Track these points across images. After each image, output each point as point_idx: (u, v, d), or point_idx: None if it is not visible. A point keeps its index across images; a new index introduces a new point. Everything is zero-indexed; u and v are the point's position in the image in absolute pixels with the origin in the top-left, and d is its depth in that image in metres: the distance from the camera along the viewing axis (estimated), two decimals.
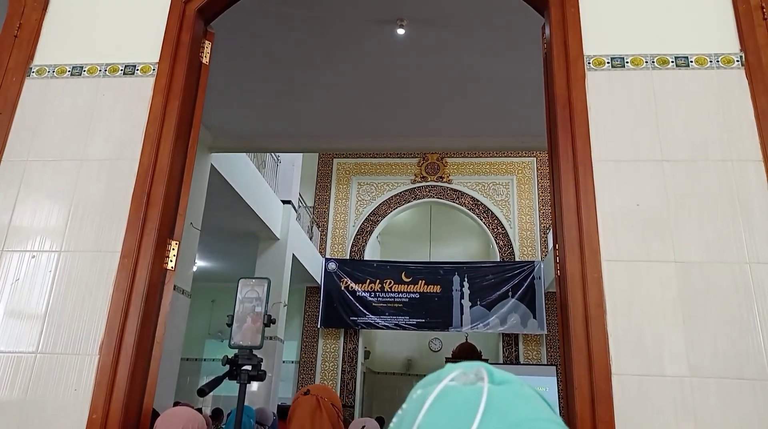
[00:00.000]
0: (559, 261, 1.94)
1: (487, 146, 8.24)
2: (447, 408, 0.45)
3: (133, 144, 2.11)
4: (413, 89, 5.52)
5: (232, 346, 1.93)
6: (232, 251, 10.53)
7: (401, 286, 12.29)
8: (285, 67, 5.20)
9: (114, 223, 2.01)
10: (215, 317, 12.77)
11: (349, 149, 10.71)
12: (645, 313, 1.73)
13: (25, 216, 2.06)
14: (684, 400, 1.64)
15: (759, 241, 1.76)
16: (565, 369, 1.82)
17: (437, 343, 14.19)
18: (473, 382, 0.48)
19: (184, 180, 2.23)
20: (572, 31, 2.09)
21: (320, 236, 13.09)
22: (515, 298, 11.88)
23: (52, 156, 2.14)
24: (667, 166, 1.88)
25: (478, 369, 0.49)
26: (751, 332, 1.68)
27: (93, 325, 1.88)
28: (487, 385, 0.46)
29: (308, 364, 12.42)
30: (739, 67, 1.98)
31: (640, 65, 2.03)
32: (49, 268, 1.97)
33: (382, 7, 4.39)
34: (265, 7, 4.29)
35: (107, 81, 2.24)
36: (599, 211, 1.85)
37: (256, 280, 2.01)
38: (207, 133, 6.54)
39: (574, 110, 1.98)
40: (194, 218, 6.52)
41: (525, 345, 12.05)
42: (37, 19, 2.36)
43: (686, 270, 1.76)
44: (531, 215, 12.75)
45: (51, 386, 1.82)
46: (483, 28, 4.51)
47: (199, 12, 2.34)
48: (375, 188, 13.40)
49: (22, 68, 2.28)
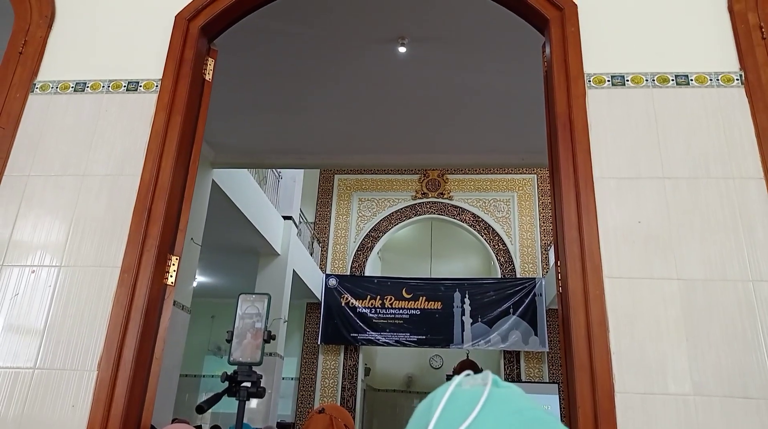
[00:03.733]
0: (560, 278, 1.93)
1: (487, 163, 8.24)
2: (454, 404, 0.49)
3: (135, 160, 2.12)
4: (414, 106, 5.55)
5: (232, 363, 1.92)
6: (232, 267, 10.50)
7: (402, 302, 12.23)
8: (287, 84, 5.24)
9: (114, 239, 2.01)
10: (215, 333, 12.70)
11: (351, 165, 10.73)
12: (648, 330, 1.72)
13: (25, 231, 2.06)
14: (688, 418, 1.62)
15: (761, 258, 1.76)
16: (568, 387, 1.81)
17: (438, 360, 14.09)
18: (479, 384, 0.51)
19: (186, 196, 2.23)
20: (572, 49, 2.11)
21: (321, 252, 13.07)
22: (516, 315, 11.82)
23: (54, 171, 2.14)
24: (669, 183, 1.88)
25: (485, 374, 0.52)
26: (755, 350, 1.67)
27: (92, 341, 1.87)
28: (491, 386, 0.50)
29: (308, 381, 12.32)
30: (739, 86, 1.99)
31: (640, 83, 2.04)
32: (48, 283, 1.97)
33: (383, 26, 4.43)
34: (268, 25, 4.33)
35: (110, 97, 2.26)
36: (601, 228, 1.85)
37: (256, 295, 2.00)
38: (209, 149, 6.57)
39: (574, 128, 1.99)
40: (195, 233, 6.52)
41: (527, 362, 11.96)
42: (42, 36, 2.38)
43: (689, 287, 1.75)
44: (532, 232, 12.73)
45: (49, 402, 1.81)
46: (484, 46, 4.54)
47: (202, 30, 2.36)
48: (376, 204, 13.41)
49: (26, 84, 2.29)
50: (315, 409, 2.01)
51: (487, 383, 0.50)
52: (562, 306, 1.91)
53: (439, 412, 0.48)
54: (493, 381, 0.51)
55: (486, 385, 0.50)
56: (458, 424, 0.46)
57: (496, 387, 0.50)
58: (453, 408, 0.48)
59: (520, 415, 0.47)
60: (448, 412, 0.48)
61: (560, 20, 2.17)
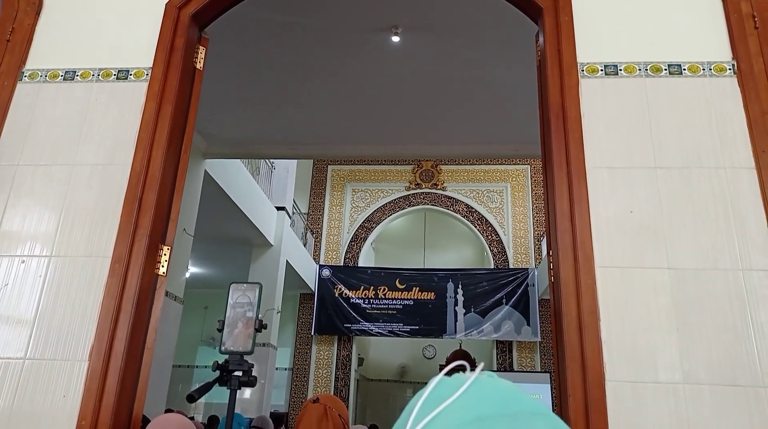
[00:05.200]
0: (552, 267, 1.94)
1: (481, 154, 8.25)
2: (442, 388, 0.50)
3: (126, 149, 2.10)
4: (408, 96, 5.54)
5: (223, 352, 1.91)
6: (225, 257, 10.48)
7: (395, 292, 12.26)
8: (279, 74, 5.21)
9: (105, 228, 1.99)
10: (208, 324, 12.69)
11: (344, 156, 10.71)
12: (639, 319, 1.73)
13: (15, 220, 2.04)
14: (678, 406, 1.63)
15: (752, 247, 1.77)
16: (559, 376, 1.82)
17: (431, 350, 14.15)
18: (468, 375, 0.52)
19: (177, 186, 2.22)
20: (566, 39, 2.10)
21: (314, 243, 13.06)
22: (509, 305, 11.88)
23: (44, 160, 2.12)
24: (661, 173, 1.89)
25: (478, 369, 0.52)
26: (745, 339, 1.68)
27: (83, 331, 1.86)
28: (478, 373, 0.50)
29: (301, 371, 12.36)
30: (732, 75, 1.99)
31: (633, 73, 2.04)
32: (38, 273, 1.95)
33: (376, 15, 4.40)
34: (260, 15, 4.29)
35: (100, 86, 2.23)
36: (593, 217, 1.85)
37: (247, 284, 1.99)
38: (201, 139, 6.53)
39: (567, 117, 1.98)
40: (187, 224, 6.49)
41: (519, 352, 12.04)
42: (30, 23, 2.35)
43: (680, 277, 1.76)
44: (525, 222, 12.76)
45: (39, 392, 1.80)
46: (477, 36, 4.52)
47: (193, 17, 2.33)
48: (369, 195, 13.40)
49: (14, 72, 2.26)
50: (309, 399, 2.01)
51: (476, 372, 0.51)
52: (554, 295, 1.92)
53: (426, 395, 0.49)
54: (485, 372, 0.51)
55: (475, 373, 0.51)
56: (442, 402, 0.47)
57: (488, 376, 0.51)
58: (440, 391, 0.49)
59: (506, 392, 0.48)
60: (434, 394, 0.49)
61: (554, 9, 2.16)
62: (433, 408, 0.47)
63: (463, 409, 0.46)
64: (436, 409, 0.47)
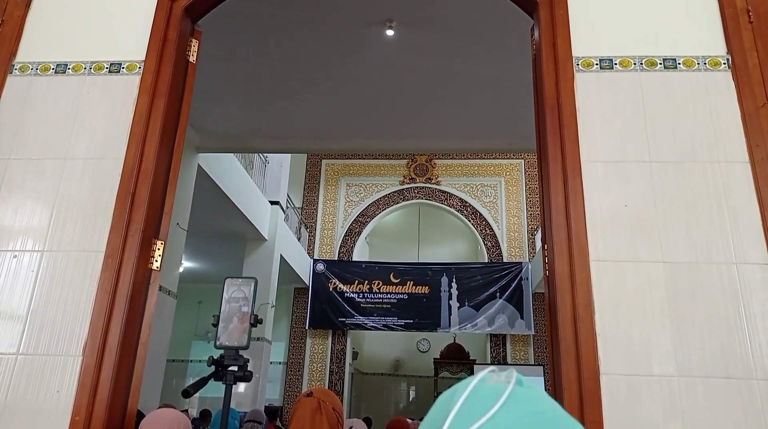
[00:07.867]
0: (547, 261, 1.94)
1: (475, 148, 8.24)
2: (475, 398, 0.49)
3: (118, 143, 2.08)
4: (402, 90, 5.52)
5: (218, 347, 1.91)
6: (219, 252, 10.46)
7: (389, 287, 12.28)
8: (273, 68, 5.18)
9: (98, 223, 1.98)
10: (202, 318, 12.68)
11: (338, 150, 10.68)
12: (633, 312, 1.74)
13: (6, 215, 2.02)
14: (672, 399, 1.64)
15: (746, 241, 1.77)
16: (554, 369, 1.82)
17: (425, 343, 14.19)
18: (503, 382, 0.51)
19: (170, 180, 2.20)
20: (561, 32, 2.09)
21: (308, 237, 13.05)
22: (503, 298, 11.92)
23: (35, 154, 2.10)
24: (655, 166, 1.89)
25: (510, 372, 0.52)
26: (738, 332, 1.69)
27: (76, 326, 1.85)
28: (514, 384, 0.50)
29: (296, 365, 12.37)
30: (726, 70, 1.99)
31: (628, 67, 2.04)
32: (31, 268, 1.94)
33: (371, 9, 4.38)
34: (253, 8, 4.26)
35: (92, 79, 2.21)
36: (587, 211, 1.86)
37: (242, 279, 1.98)
38: (194, 133, 6.49)
39: (562, 111, 1.98)
40: (181, 218, 6.46)
41: (512, 345, 12.10)
42: (20, 15, 2.32)
43: (674, 270, 1.77)
44: (519, 217, 12.80)
45: (33, 388, 1.79)
46: (472, 30, 4.51)
47: (186, 10, 2.31)
48: (363, 189, 13.38)
49: (4, 65, 2.24)
50: (303, 392, 2.01)
51: (511, 381, 0.49)
52: (548, 289, 1.92)
53: (459, 405, 0.48)
54: (516, 380, 0.50)
55: (509, 383, 0.50)
56: (477, 419, 0.46)
57: (520, 386, 0.50)
58: (473, 402, 0.48)
59: (541, 416, 0.47)
60: (468, 406, 0.48)
61: (549, 3, 2.16)
62: (467, 420, 0.46)
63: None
64: (471, 425, 0.45)
